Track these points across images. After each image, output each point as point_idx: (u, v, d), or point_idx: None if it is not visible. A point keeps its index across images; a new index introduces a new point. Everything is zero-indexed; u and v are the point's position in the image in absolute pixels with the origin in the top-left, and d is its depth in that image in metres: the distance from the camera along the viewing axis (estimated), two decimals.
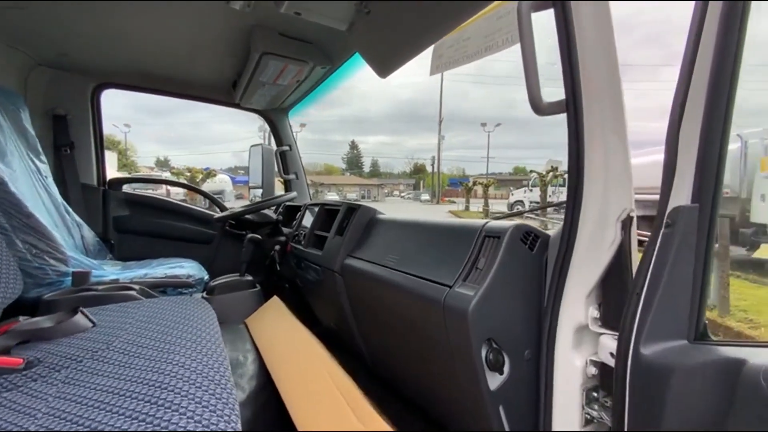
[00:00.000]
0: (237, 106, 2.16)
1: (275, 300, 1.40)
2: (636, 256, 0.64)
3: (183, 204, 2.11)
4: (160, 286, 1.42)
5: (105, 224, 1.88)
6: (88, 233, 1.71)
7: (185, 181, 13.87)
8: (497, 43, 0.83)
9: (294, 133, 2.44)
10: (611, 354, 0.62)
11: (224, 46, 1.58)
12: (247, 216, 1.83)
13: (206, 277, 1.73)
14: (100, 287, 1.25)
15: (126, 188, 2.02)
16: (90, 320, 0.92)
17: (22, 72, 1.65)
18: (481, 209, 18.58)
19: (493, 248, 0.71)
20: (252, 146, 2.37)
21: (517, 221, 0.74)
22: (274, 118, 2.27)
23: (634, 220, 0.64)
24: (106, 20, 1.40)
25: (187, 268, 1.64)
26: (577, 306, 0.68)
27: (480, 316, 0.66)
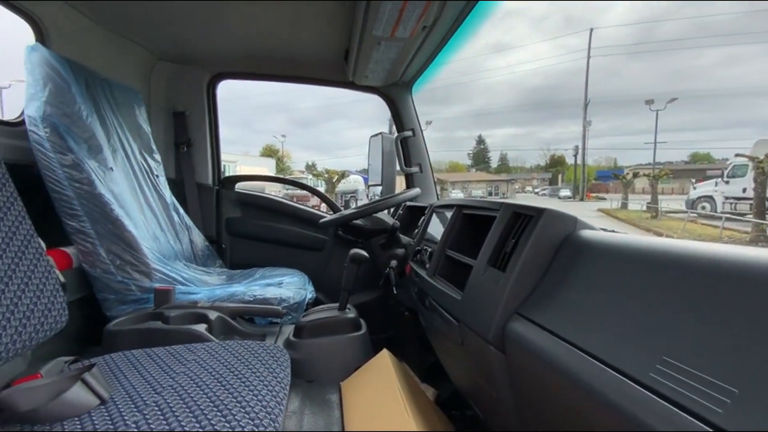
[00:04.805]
0: (352, 85, 1.78)
1: (384, 357, 0.90)
2: None
3: (293, 204, 1.85)
4: (245, 314, 1.10)
5: (218, 227, 1.75)
6: (198, 237, 1.56)
7: (323, 182, 15.29)
8: None
9: (420, 122, 1.94)
10: None
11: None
12: (357, 221, 1.41)
13: (309, 296, 1.37)
14: (173, 313, 0.98)
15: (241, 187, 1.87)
16: (98, 395, 0.58)
17: (144, 68, 1.60)
18: (644, 207, 14.70)
19: None
20: (372, 137, 1.97)
21: None
22: (394, 96, 1.81)
23: None
24: (211, 4, 1.18)
25: (286, 286, 1.31)
26: None
27: None
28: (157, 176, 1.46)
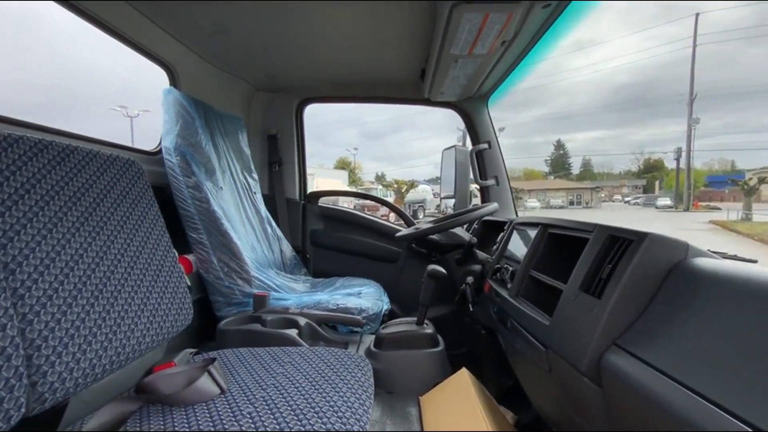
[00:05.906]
0: (427, 101, 1.82)
1: (463, 376, 0.90)
2: None
3: (369, 217, 1.93)
4: (330, 322, 1.18)
5: (303, 238, 1.91)
6: (287, 248, 1.73)
7: (392, 192, 15.61)
8: None
9: (496, 130, 1.90)
10: None
11: (408, 19, 1.24)
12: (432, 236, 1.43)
13: (385, 307, 1.42)
14: (270, 317, 1.09)
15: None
16: (219, 386, 0.69)
17: (245, 98, 1.84)
18: None
19: None
20: (445, 149, 1.98)
21: None
22: (470, 110, 1.81)
23: None
24: (300, 35, 1.33)
25: (365, 297, 1.38)
26: None
27: None
28: (254, 193, 1.65)
